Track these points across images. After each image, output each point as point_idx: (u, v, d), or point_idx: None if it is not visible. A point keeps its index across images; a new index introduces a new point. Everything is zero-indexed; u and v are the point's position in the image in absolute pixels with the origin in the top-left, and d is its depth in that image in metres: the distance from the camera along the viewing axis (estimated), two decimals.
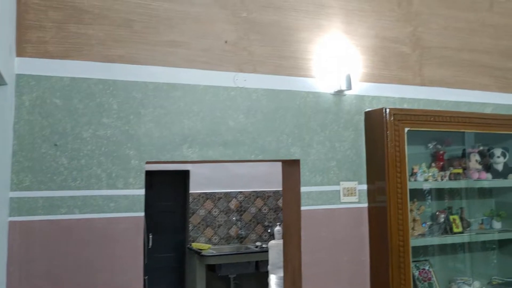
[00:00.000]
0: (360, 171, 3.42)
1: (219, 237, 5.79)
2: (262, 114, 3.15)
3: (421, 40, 3.73)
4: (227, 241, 5.83)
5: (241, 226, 5.89)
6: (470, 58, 3.91)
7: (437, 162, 3.64)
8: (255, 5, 3.19)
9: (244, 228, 5.90)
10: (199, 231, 5.71)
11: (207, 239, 5.73)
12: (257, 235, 5.98)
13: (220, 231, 5.79)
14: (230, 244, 5.83)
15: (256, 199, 5.98)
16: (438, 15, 3.81)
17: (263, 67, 3.18)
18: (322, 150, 3.30)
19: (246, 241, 5.92)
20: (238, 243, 5.89)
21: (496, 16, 4.06)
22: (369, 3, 3.56)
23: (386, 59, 3.58)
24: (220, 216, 5.79)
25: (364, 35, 3.52)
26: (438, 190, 3.71)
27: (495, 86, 4.00)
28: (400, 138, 3.27)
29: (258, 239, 5.95)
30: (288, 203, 3.42)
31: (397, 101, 3.58)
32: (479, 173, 3.70)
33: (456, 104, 3.80)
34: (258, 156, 3.12)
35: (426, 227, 3.55)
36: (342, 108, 3.39)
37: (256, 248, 5.62)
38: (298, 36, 3.30)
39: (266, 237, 5.95)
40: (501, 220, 3.87)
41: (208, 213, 5.75)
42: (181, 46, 2.97)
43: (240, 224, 5.89)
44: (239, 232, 5.88)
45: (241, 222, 5.89)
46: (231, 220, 5.84)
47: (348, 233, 3.34)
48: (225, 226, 5.82)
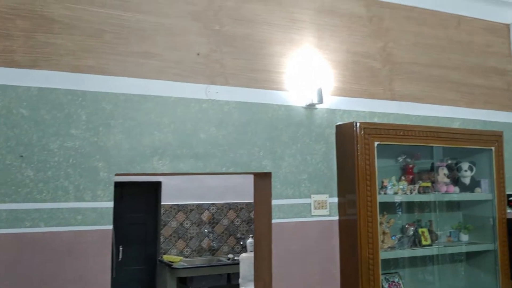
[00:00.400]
0: (331, 184, 3.44)
1: (191, 249, 5.73)
2: (234, 127, 3.15)
3: (391, 56, 3.80)
4: (199, 253, 5.77)
5: (213, 238, 5.84)
6: (438, 74, 4.00)
7: (406, 175, 3.69)
8: (228, 18, 3.20)
9: (216, 240, 5.86)
10: (170, 243, 5.65)
11: (178, 251, 5.66)
12: (229, 247, 5.95)
13: (192, 243, 5.74)
14: (202, 256, 5.78)
15: (229, 211, 5.96)
16: (408, 31, 3.90)
17: (235, 80, 3.19)
18: (294, 163, 3.32)
19: (218, 253, 5.87)
20: (210, 256, 5.84)
21: (463, 34, 4.17)
22: (341, 19, 3.61)
23: (357, 74, 3.64)
24: (192, 228, 5.74)
25: (336, 49, 3.57)
26: (408, 203, 3.76)
27: (462, 101, 4.10)
28: (370, 151, 3.31)
29: (231, 251, 5.91)
30: (259, 216, 3.42)
31: (368, 115, 3.63)
32: (447, 187, 3.76)
33: (425, 118, 3.88)
34: (230, 169, 3.11)
35: (395, 240, 3.59)
36: (314, 121, 3.42)
37: (228, 261, 5.57)
38: (271, 49, 3.32)
39: (239, 249, 5.92)
40: (468, 233, 3.94)
41: (180, 225, 5.69)
42: (153, 57, 2.96)
43: (212, 236, 5.84)
44: (211, 244, 5.84)
45: (213, 234, 5.85)
46: (203, 232, 5.79)
47: (319, 246, 3.35)
48: (197, 238, 5.77)
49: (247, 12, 3.27)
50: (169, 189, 5.68)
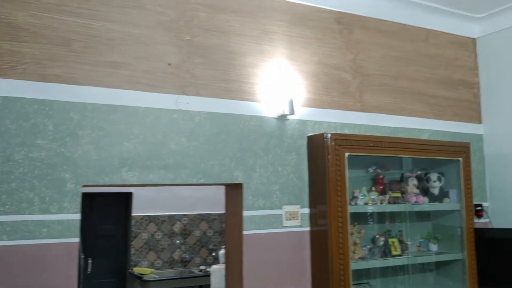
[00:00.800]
0: (303, 195, 3.45)
1: (162, 261, 5.65)
2: (205, 137, 3.13)
3: (361, 68, 3.85)
4: (170, 265, 5.69)
5: (185, 250, 5.77)
6: (408, 86, 4.07)
7: (377, 186, 3.73)
8: (200, 29, 3.20)
9: (188, 251, 5.79)
10: (141, 255, 5.55)
11: (149, 263, 5.57)
12: (201, 258, 5.88)
13: (163, 255, 5.65)
14: (174, 268, 5.69)
15: (201, 222, 5.90)
16: (378, 44, 3.96)
17: (207, 90, 3.18)
18: (265, 174, 3.31)
19: (190, 265, 5.80)
20: (182, 267, 5.76)
21: (431, 47, 4.27)
22: (312, 31, 3.65)
23: (328, 85, 3.67)
24: (163, 239, 5.66)
25: (307, 61, 3.59)
26: (378, 213, 3.79)
27: (431, 113, 4.18)
28: (341, 162, 3.33)
29: (203, 263, 5.84)
30: (230, 227, 3.39)
31: (339, 126, 3.66)
32: (416, 197, 3.81)
33: (395, 130, 3.93)
34: (200, 180, 3.09)
35: (366, 250, 3.61)
36: (285, 132, 3.43)
37: (200, 272, 5.51)
38: (242, 60, 3.32)
39: (211, 260, 5.86)
40: (437, 243, 3.99)
41: (151, 237, 5.61)
42: (122, 67, 2.92)
43: (184, 247, 5.77)
44: (183, 255, 5.76)
45: (186, 245, 5.78)
46: (175, 243, 5.71)
47: (290, 257, 3.34)
48: (169, 250, 5.69)
49: (219, 23, 3.27)
50: (140, 200, 5.60)
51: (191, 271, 5.65)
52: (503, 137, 4.29)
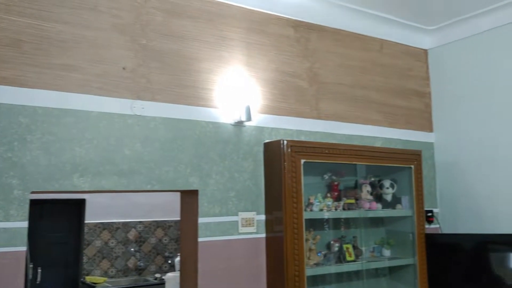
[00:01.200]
0: (259, 202, 3.45)
1: (116, 269, 5.51)
2: (160, 143, 3.08)
3: (317, 76, 3.90)
4: (124, 274, 5.56)
5: (140, 258, 5.66)
6: (362, 94, 4.16)
7: (332, 192, 3.78)
8: (156, 33, 3.16)
9: (144, 259, 5.68)
10: (94, 264, 5.40)
11: (103, 271, 5.43)
12: (157, 266, 5.78)
13: (117, 263, 5.52)
14: (128, 277, 5.56)
15: (157, 229, 5.80)
16: (334, 53, 4.03)
17: (162, 96, 3.13)
18: (221, 180, 3.29)
19: (145, 273, 5.69)
20: (136, 275, 5.64)
21: (385, 57, 4.38)
22: (269, 38, 3.67)
23: (285, 93, 3.70)
24: (117, 247, 5.53)
25: (264, 68, 3.61)
26: (333, 219, 3.84)
27: (385, 121, 4.28)
28: (297, 169, 3.36)
29: (158, 271, 5.74)
30: (185, 234, 3.35)
31: (295, 133, 3.69)
32: (370, 203, 3.89)
33: (350, 137, 4.00)
34: (155, 186, 3.03)
35: (321, 256, 3.64)
36: (242, 138, 3.43)
37: (156, 280, 5.41)
38: (199, 66, 3.30)
39: (167, 268, 5.77)
40: (390, 248, 4.08)
41: (104, 244, 5.46)
42: (74, 70, 2.84)
43: (139, 255, 5.66)
44: (138, 263, 5.64)
45: (140, 253, 5.67)
46: (129, 251, 5.59)
47: (246, 264, 3.33)
48: (123, 258, 5.56)
49: (176, 28, 3.24)
50: (94, 207, 5.45)
51: (146, 279, 5.54)
52: (453, 145, 4.45)
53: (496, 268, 3.89)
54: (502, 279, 3.85)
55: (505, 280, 3.84)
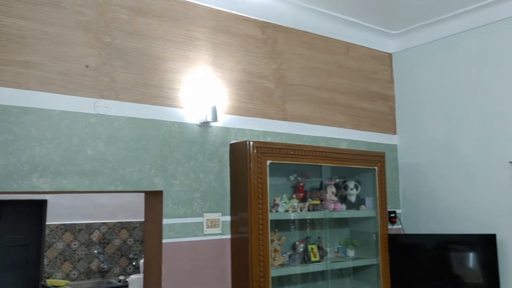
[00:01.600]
0: (224, 203, 3.44)
1: (79, 272, 5.39)
2: (124, 143, 3.03)
3: (284, 77, 3.92)
4: (87, 276, 5.44)
5: (103, 260, 5.54)
6: (328, 96, 4.20)
7: (297, 193, 3.80)
8: (121, 31, 3.10)
9: (107, 261, 5.57)
10: (55, 266, 5.26)
11: (64, 274, 5.29)
12: (121, 268, 5.68)
13: (80, 266, 5.39)
14: (91, 279, 5.44)
15: (121, 230, 5.70)
16: (300, 55, 4.06)
17: (127, 95, 3.09)
18: (186, 181, 3.27)
19: (109, 275, 5.57)
20: (100, 278, 5.52)
21: (351, 60, 4.44)
22: (236, 39, 3.67)
23: (251, 94, 3.70)
24: (80, 249, 5.40)
25: (231, 69, 3.61)
26: (299, 220, 3.86)
27: (349, 123, 4.34)
28: (263, 170, 3.37)
29: (122, 273, 5.64)
30: (149, 235, 3.31)
31: (261, 134, 3.70)
32: (334, 204, 3.93)
33: (315, 139, 4.04)
34: (118, 187, 2.98)
35: (286, 257, 3.66)
36: (208, 139, 3.41)
37: (119, 283, 5.32)
38: (165, 65, 3.27)
39: (131, 270, 5.67)
40: (354, 248, 4.14)
41: (66, 246, 5.33)
42: (35, 67, 2.77)
43: (102, 257, 5.54)
44: (101, 265, 5.53)
45: (104, 255, 5.56)
46: (92, 253, 5.47)
47: (211, 265, 3.31)
48: (86, 260, 5.44)
49: (141, 26, 3.20)
50: (56, 208, 5.31)
51: (109, 282, 5.44)
52: (415, 147, 4.55)
53: (456, 267, 4.00)
54: (461, 278, 3.97)
55: (464, 278, 3.96)
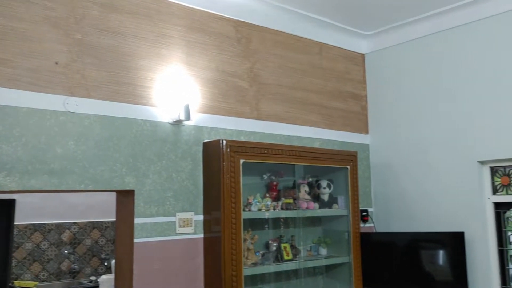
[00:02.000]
0: (197, 202, 3.42)
1: (48, 272, 5.28)
2: (94, 142, 2.98)
3: (258, 77, 3.92)
4: (57, 277, 5.34)
5: (74, 260, 5.44)
6: (301, 96, 4.22)
7: (271, 192, 3.81)
8: (91, 28, 3.05)
9: (78, 261, 5.47)
10: (24, 267, 5.14)
11: (33, 275, 5.18)
12: (92, 268, 5.59)
13: (49, 266, 5.29)
14: (61, 280, 5.34)
15: (93, 230, 5.61)
16: (274, 54, 4.07)
17: (98, 92, 3.04)
18: (159, 180, 3.24)
19: (79, 276, 5.48)
20: (70, 279, 5.42)
21: (324, 60, 4.47)
22: (210, 37, 3.65)
23: (225, 92, 3.69)
24: (50, 249, 5.29)
25: (205, 67, 3.59)
26: (272, 219, 3.88)
27: (323, 123, 4.37)
28: (236, 169, 3.36)
29: (94, 273, 5.55)
30: (121, 235, 3.27)
31: (235, 133, 3.69)
32: (307, 203, 3.95)
33: (289, 138, 4.05)
34: (89, 186, 2.93)
35: (259, 256, 3.66)
36: (181, 138, 3.38)
37: (90, 283, 5.24)
38: (137, 63, 3.23)
39: (103, 270, 5.59)
40: (327, 247, 4.17)
41: (36, 247, 5.22)
42: (2, 63, 2.70)
43: (73, 257, 5.44)
44: (72, 266, 5.43)
45: (75, 255, 5.46)
46: (63, 253, 5.36)
47: (183, 265, 3.29)
48: (56, 261, 5.33)
49: (113, 23, 3.15)
50: (25, 208, 5.18)
51: (80, 282, 5.35)
52: (387, 147, 4.61)
53: (426, 265, 4.08)
54: (431, 275, 4.04)
55: (434, 276, 4.03)
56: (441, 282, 3.99)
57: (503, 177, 3.95)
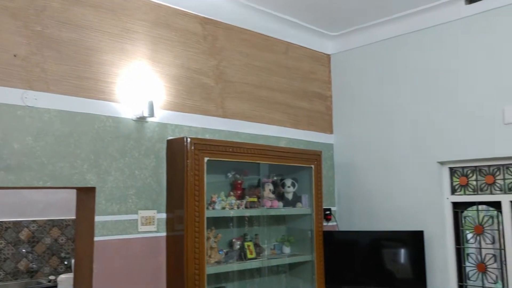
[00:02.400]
0: (160, 200, 3.38)
1: (5, 272, 5.11)
2: (54, 137, 2.90)
3: (224, 74, 3.91)
4: (14, 277, 5.18)
5: (32, 259, 5.29)
6: (267, 95, 4.23)
7: (235, 191, 3.80)
8: (52, 20, 2.96)
9: (37, 261, 5.33)
10: None
11: None
12: (51, 268, 5.45)
13: (6, 266, 5.12)
14: (18, 280, 5.18)
15: (53, 228, 5.47)
16: (241, 52, 4.06)
17: (58, 87, 2.95)
18: (121, 177, 3.18)
19: (38, 275, 5.33)
20: (28, 278, 5.26)
21: (290, 60, 4.49)
22: (176, 33, 3.61)
23: (190, 90, 3.66)
24: (7, 248, 5.13)
25: (170, 64, 3.54)
26: (237, 218, 3.87)
27: (288, 122, 4.39)
28: (200, 167, 3.33)
29: (53, 273, 5.41)
30: (81, 233, 3.19)
31: (200, 131, 3.67)
32: (271, 202, 3.96)
33: (255, 137, 4.05)
34: (47, 183, 2.85)
35: (222, 254, 3.65)
36: (144, 135, 3.33)
37: (49, 283, 5.10)
38: (100, 57, 3.16)
39: (63, 269, 5.45)
40: (290, 245, 4.19)
41: None
42: None
43: (31, 256, 5.29)
44: (30, 265, 5.28)
45: (33, 254, 5.31)
46: (20, 252, 5.21)
47: (145, 264, 3.25)
48: (13, 260, 5.17)
49: (75, 16, 3.07)
50: None
51: (38, 282, 5.21)
52: (351, 147, 4.68)
53: (387, 263, 4.16)
54: (392, 273, 4.12)
55: (395, 273, 4.12)
56: (401, 280, 4.08)
57: (462, 177, 4.07)
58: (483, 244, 3.96)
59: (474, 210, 4.00)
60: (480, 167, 3.97)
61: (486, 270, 3.91)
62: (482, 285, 3.92)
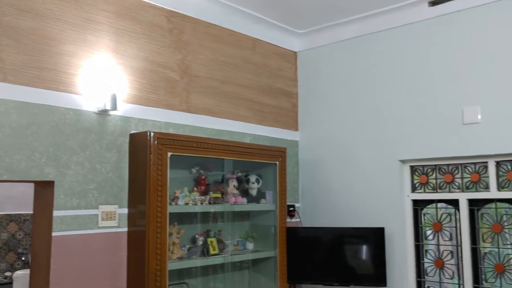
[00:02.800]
0: (122, 194, 3.32)
1: None
2: (11, 129, 2.81)
3: (189, 69, 3.86)
4: None
5: None
6: (233, 90, 4.21)
7: (199, 186, 3.77)
8: (11, 8, 2.86)
9: None
10: None
11: None
12: (8, 264, 5.29)
13: None
14: None
15: (10, 223, 5.31)
16: (207, 47, 4.02)
17: (16, 77, 2.86)
18: (81, 171, 3.11)
19: None
20: None
21: (257, 56, 4.49)
22: (141, 25, 3.55)
23: (154, 83, 3.60)
24: None
25: (134, 56, 3.48)
26: (200, 213, 3.84)
27: (254, 118, 4.39)
28: (163, 162, 3.29)
29: (10, 269, 5.26)
30: (38, 228, 3.11)
31: (163, 125, 3.62)
32: (235, 198, 3.96)
33: (220, 132, 4.03)
34: (3, 176, 2.76)
35: (185, 250, 3.62)
36: (106, 128, 3.27)
37: (5, 279, 4.96)
38: (61, 48, 3.07)
39: (20, 265, 5.31)
40: (253, 241, 4.20)
41: None
42: None
43: None
44: None
45: None
46: None
47: (105, 260, 3.19)
48: None
49: (35, 4, 2.97)
50: None
51: None
52: (315, 144, 4.71)
53: (349, 259, 4.22)
54: (354, 269, 4.18)
55: (356, 269, 4.18)
56: (362, 276, 4.14)
57: (422, 175, 4.17)
58: (441, 241, 4.07)
59: (433, 208, 4.11)
60: (440, 166, 4.07)
61: (443, 266, 4.03)
62: (439, 281, 4.03)
